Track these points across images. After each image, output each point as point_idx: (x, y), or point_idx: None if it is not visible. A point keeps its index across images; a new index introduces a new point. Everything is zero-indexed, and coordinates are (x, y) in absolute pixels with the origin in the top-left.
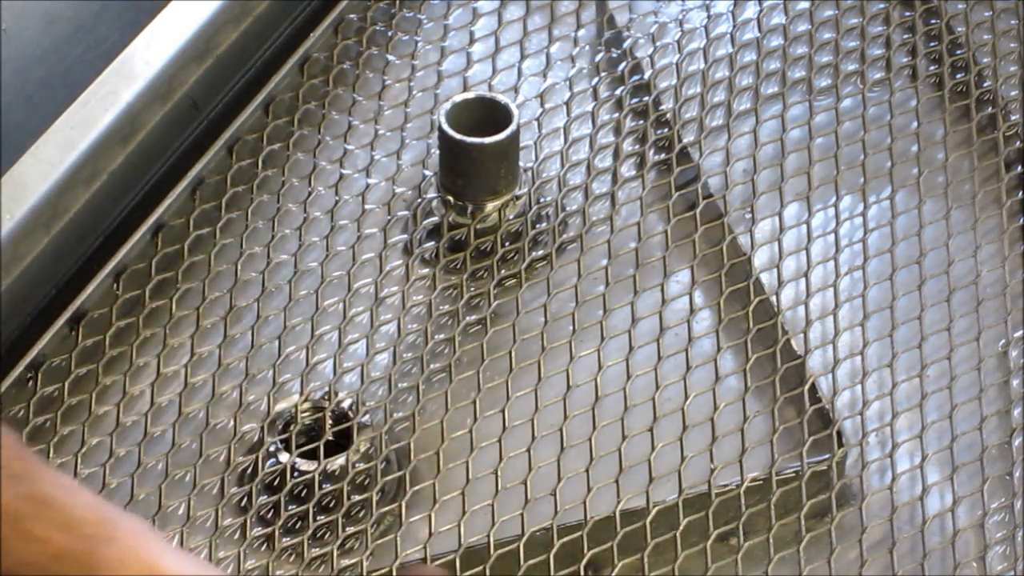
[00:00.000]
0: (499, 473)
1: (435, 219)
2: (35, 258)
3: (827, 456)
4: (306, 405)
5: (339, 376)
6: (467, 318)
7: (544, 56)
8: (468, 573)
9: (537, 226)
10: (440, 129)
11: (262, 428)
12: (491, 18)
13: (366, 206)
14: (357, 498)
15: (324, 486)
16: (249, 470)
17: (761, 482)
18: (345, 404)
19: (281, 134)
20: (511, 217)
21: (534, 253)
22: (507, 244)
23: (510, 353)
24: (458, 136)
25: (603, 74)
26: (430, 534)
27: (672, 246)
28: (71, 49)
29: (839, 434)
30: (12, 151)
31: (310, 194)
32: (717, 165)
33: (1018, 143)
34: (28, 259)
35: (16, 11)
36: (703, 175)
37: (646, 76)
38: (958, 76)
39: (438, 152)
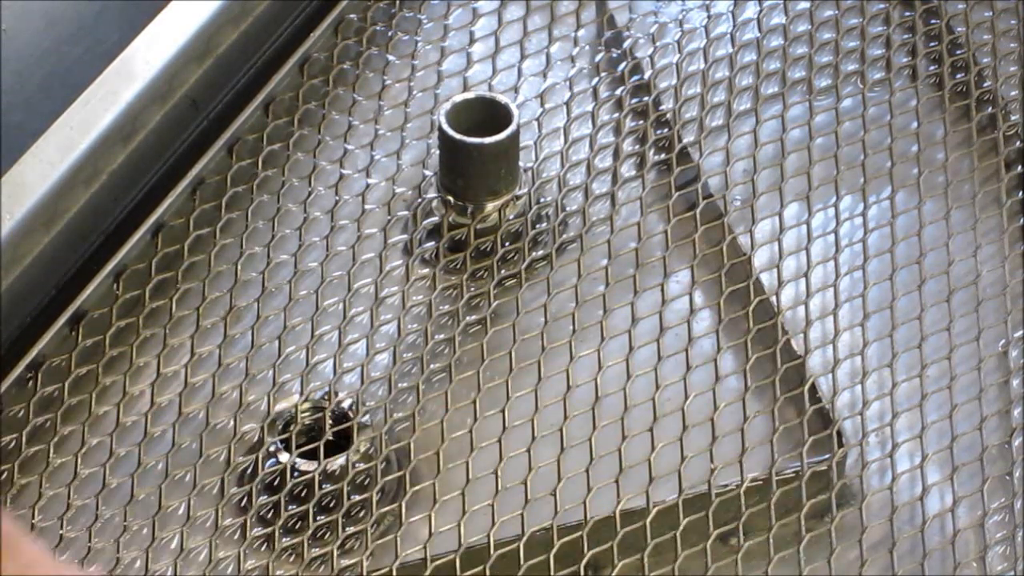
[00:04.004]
0: (499, 473)
1: (435, 219)
2: (35, 258)
3: (827, 456)
4: (306, 405)
5: (339, 376)
6: (467, 318)
7: (544, 56)
8: (468, 573)
9: (537, 226)
10: (440, 129)
11: (262, 428)
12: (491, 18)
13: (366, 206)
14: (357, 498)
15: (324, 486)
16: (249, 470)
17: (761, 482)
18: (345, 404)
19: (281, 134)
20: (511, 217)
21: (534, 253)
22: (507, 244)
23: (510, 353)
24: (458, 136)
25: (603, 74)
26: (430, 534)
27: (672, 246)
28: (71, 49)
29: (839, 434)
30: (12, 151)
31: (310, 194)
32: (717, 165)
33: (1018, 143)
34: (28, 259)
35: (16, 11)
36: (703, 175)
37: (646, 76)
38: (958, 76)
39: (438, 152)
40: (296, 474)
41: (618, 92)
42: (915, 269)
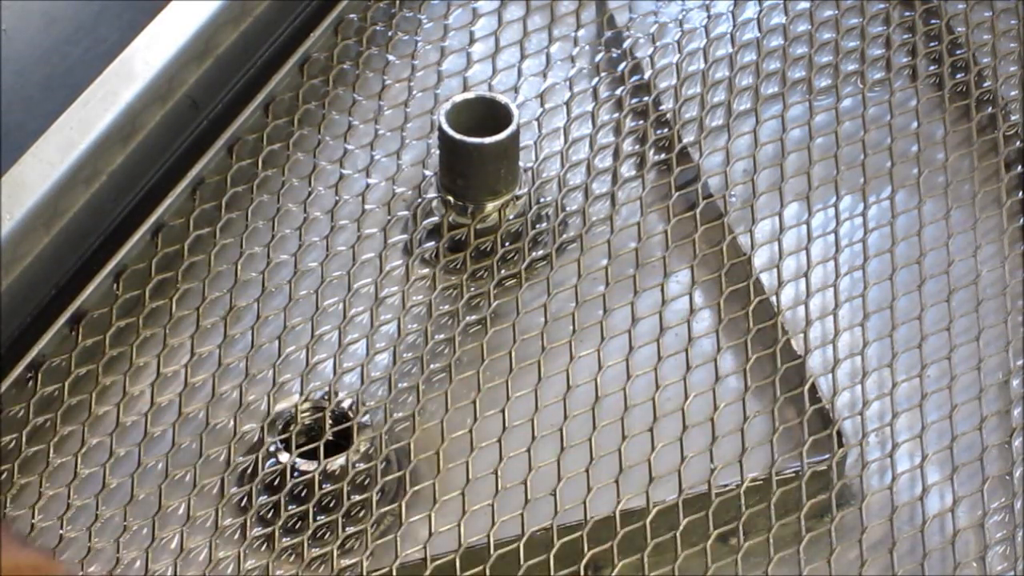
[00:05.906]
0: (499, 473)
1: (435, 219)
2: (35, 258)
3: (827, 456)
4: (306, 405)
5: (339, 376)
6: (467, 318)
7: (544, 56)
8: (468, 573)
9: (537, 226)
10: (440, 129)
11: (262, 428)
12: (491, 18)
13: (366, 206)
14: (357, 498)
15: (324, 486)
16: (249, 470)
17: (761, 482)
18: (345, 404)
19: (281, 134)
20: (511, 217)
21: (534, 253)
22: (507, 244)
23: (510, 353)
24: (458, 136)
25: (603, 74)
26: (430, 534)
27: (672, 246)
28: (71, 49)
29: (839, 434)
30: (12, 151)
31: (310, 194)
32: (717, 165)
33: (1018, 143)
34: (28, 259)
35: (16, 11)
36: (703, 175)
37: (646, 76)
38: (958, 76)
39: (438, 152)
40: (296, 474)
41: (618, 92)
42: (915, 269)
